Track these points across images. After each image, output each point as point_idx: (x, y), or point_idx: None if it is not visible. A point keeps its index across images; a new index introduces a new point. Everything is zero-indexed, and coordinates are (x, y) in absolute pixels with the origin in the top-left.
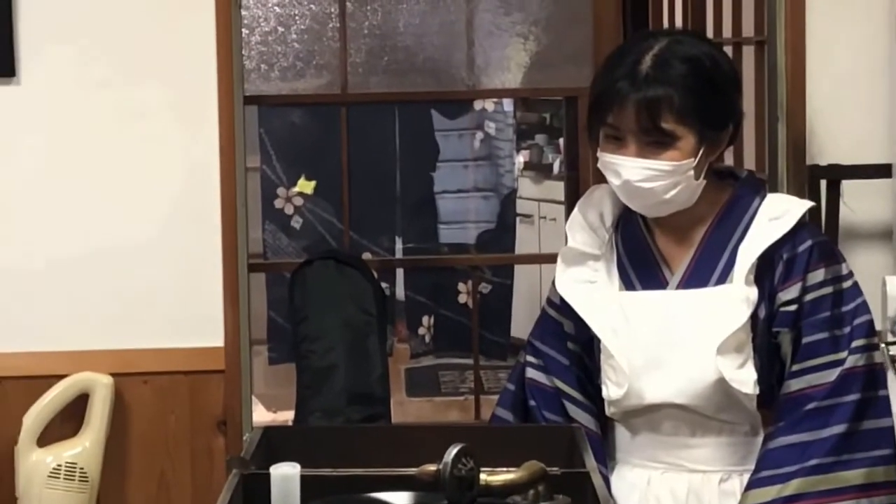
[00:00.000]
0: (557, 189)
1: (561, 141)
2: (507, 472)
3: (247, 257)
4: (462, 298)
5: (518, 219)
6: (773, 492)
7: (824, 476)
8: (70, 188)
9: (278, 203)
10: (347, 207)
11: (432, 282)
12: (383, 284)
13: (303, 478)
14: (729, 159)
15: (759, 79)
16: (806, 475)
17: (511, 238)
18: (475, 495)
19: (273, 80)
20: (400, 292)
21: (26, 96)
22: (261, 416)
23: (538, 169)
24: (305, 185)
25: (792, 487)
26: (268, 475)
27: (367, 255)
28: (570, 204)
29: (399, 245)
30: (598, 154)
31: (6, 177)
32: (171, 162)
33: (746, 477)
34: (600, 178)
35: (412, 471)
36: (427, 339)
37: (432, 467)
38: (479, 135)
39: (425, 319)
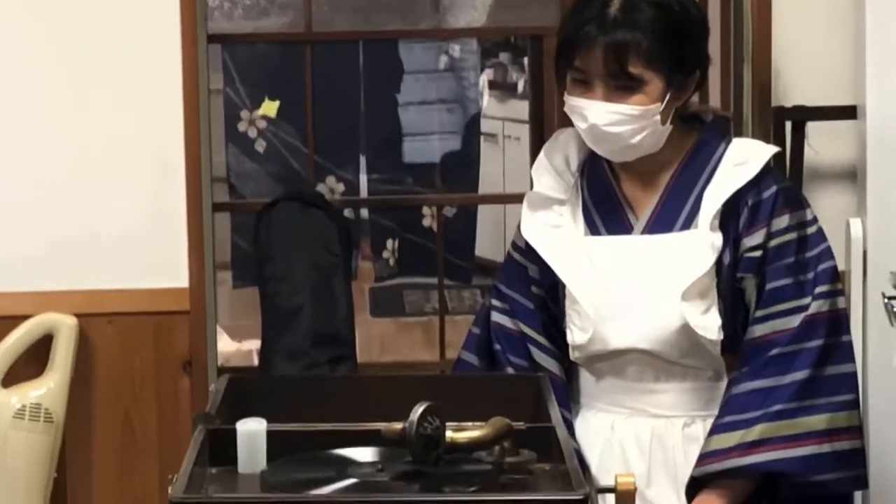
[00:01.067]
0: (522, 108)
1: (525, 60)
2: (473, 427)
3: (211, 197)
4: (426, 222)
5: (482, 138)
6: (736, 437)
7: (787, 422)
8: (32, 128)
9: (241, 126)
10: (312, 136)
11: (397, 205)
12: (346, 209)
13: (269, 432)
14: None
15: (725, 19)
16: (769, 420)
17: (476, 156)
18: (440, 453)
19: (236, 18)
20: (364, 213)
21: None
22: (225, 345)
23: (503, 88)
24: (269, 107)
25: (755, 433)
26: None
27: (330, 179)
28: (533, 123)
29: (363, 164)
30: (565, 98)
31: None
32: (133, 103)
33: (710, 422)
34: (565, 121)
35: (379, 426)
36: (391, 262)
37: (398, 425)
38: (444, 58)
39: (389, 243)
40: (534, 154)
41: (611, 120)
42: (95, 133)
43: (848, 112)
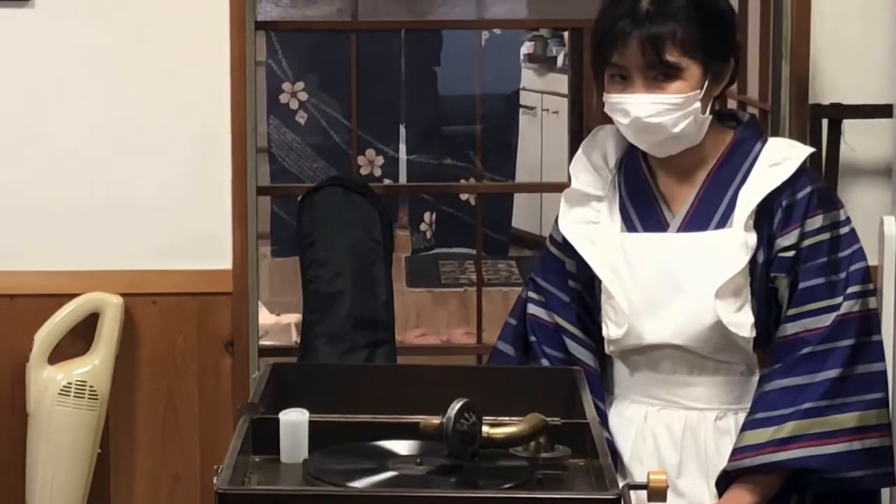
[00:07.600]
0: (561, 82)
1: (565, 34)
2: (510, 423)
3: (255, 181)
4: (464, 195)
5: (521, 111)
6: (767, 433)
7: (818, 419)
8: (81, 111)
9: (283, 98)
10: (356, 119)
11: (435, 177)
12: (386, 180)
13: (310, 422)
14: (733, 102)
15: (765, 15)
16: (800, 418)
17: (514, 130)
18: (476, 449)
19: (283, 5)
20: (403, 179)
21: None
22: (265, 318)
23: (542, 61)
24: None
25: (786, 430)
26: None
27: (370, 152)
28: (572, 97)
29: (402, 136)
30: (605, 96)
31: (19, 99)
32: (182, 87)
33: (742, 415)
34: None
35: (418, 419)
36: (428, 234)
37: (436, 420)
38: (485, 33)
39: (427, 216)
40: (572, 128)
41: (653, 111)
42: (143, 115)
43: (884, 110)
